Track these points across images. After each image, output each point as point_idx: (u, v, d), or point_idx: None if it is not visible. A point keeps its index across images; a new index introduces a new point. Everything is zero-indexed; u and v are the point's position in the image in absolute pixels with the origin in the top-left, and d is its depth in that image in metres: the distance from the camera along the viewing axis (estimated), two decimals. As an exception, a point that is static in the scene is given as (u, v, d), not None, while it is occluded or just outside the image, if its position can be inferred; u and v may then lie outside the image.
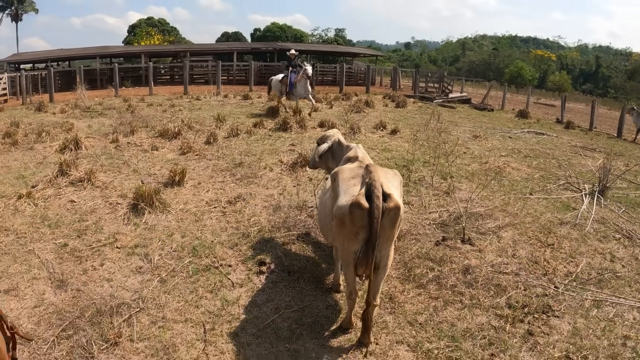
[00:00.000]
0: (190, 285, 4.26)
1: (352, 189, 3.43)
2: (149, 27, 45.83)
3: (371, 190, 3.29)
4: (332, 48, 40.70)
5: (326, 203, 3.80)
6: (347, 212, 3.31)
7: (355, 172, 3.62)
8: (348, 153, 4.36)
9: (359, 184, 3.44)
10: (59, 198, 6.17)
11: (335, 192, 3.58)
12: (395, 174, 3.77)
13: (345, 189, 3.46)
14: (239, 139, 9.93)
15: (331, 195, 3.68)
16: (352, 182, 3.50)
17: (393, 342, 3.70)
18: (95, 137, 9.37)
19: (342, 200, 3.40)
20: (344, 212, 3.33)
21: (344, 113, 14.93)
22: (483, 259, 5.16)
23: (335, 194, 3.57)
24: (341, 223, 3.39)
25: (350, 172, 3.64)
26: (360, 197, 3.28)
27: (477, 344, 3.70)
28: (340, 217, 3.38)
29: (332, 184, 3.70)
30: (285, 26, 49.80)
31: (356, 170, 3.65)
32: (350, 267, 3.47)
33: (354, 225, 3.32)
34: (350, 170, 3.68)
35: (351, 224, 3.33)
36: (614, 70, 50.99)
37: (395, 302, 4.23)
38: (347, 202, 3.33)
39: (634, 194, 7.84)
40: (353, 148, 4.41)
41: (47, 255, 4.68)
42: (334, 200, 3.57)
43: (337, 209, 3.40)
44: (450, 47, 70.70)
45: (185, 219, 5.71)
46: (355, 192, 3.36)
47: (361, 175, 3.49)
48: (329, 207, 3.67)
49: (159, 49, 31.01)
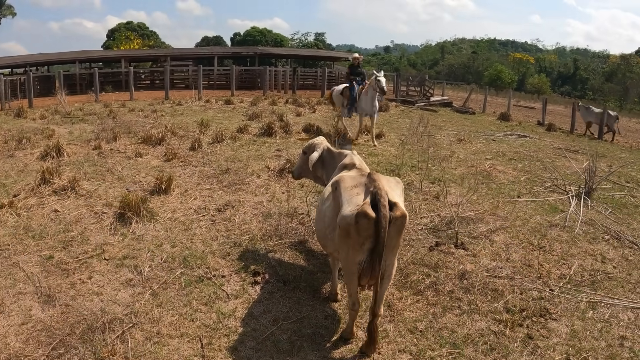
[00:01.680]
0: (184, 297, 4.13)
1: (356, 198, 3.34)
2: (129, 31, 45.18)
3: (377, 199, 3.21)
4: (314, 52, 40.74)
5: (325, 213, 3.69)
6: (353, 222, 3.21)
7: (357, 180, 3.51)
8: (343, 160, 4.26)
9: (363, 192, 3.35)
10: (42, 207, 5.95)
11: (337, 201, 3.47)
12: (398, 182, 3.70)
13: (349, 199, 3.36)
14: (223, 144, 9.78)
15: (332, 205, 3.58)
16: (355, 190, 3.41)
17: (395, 351, 3.65)
18: (77, 144, 9.10)
19: (347, 209, 3.30)
20: (350, 222, 3.24)
21: (328, 117, 14.93)
22: (478, 264, 5.16)
23: (337, 203, 3.46)
24: (346, 233, 3.29)
25: (352, 180, 3.53)
26: (366, 207, 3.19)
27: (479, 350, 3.69)
28: (345, 227, 3.28)
29: (333, 193, 3.59)
30: (265, 30, 49.69)
31: (358, 178, 3.55)
32: (354, 278, 3.39)
33: (359, 236, 3.23)
34: (352, 178, 3.57)
35: (357, 234, 3.24)
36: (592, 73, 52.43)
37: (394, 310, 4.18)
38: (353, 211, 3.23)
39: (619, 195, 7.99)
40: (348, 155, 4.31)
41: (32, 269, 4.48)
42: (335, 210, 3.49)
43: (342, 219, 3.30)
44: (430, 51, 71.69)
45: (173, 228, 5.56)
46: (359, 202, 3.28)
47: (364, 184, 3.41)
48: (329, 217, 3.59)
49: (139, 54, 30.48)
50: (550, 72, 54.04)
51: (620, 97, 46.97)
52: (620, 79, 50.27)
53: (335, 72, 29.09)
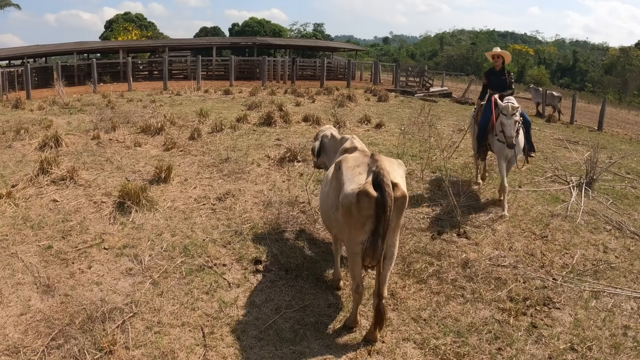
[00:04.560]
0: (185, 286, 4.05)
1: (358, 177, 3.31)
2: (127, 22, 44.64)
3: (380, 178, 3.19)
4: (312, 43, 40.39)
5: (329, 193, 3.67)
6: (355, 200, 3.20)
7: (359, 160, 3.49)
8: (344, 144, 4.24)
9: (365, 172, 3.32)
10: (41, 198, 5.85)
11: (340, 180, 3.45)
12: (400, 164, 3.67)
13: (351, 177, 3.34)
14: (223, 134, 9.67)
15: (334, 184, 3.56)
16: (358, 170, 3.38)
17: (399, 340, 3.61)
18: (76, 134, 8.98)
19: (349, 188, 3.28)
20: (351, 200, 3.23)
21: (328, 107, 14.80)
22: (481, 252, 5.11)
23: (340, 182, 3.44)
24: (348, 212, 3.28)
25: (355, 160, 3.51)
26: (367, 186, 3.18)
27: (483, 339, 3.66)
28: (347, 205, 3.26)
29: (335, 173, 3.56)
30: (263, 21, 49.27)
31: (361, 159, 3.51)
32: (358, 259, 3.37)
33: (360, 215, 3.22)
34: (355, 159, 3.54)
35: (358, 212, 3.22)
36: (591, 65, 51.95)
37: (397, 299, 4.13)
38: (354, 190, 3.22)
39: (620, 186, 7.93)
40: (349, 139, 4.31)
41: (31, 259, 4.40)
42: (337, 189, 3.46)
43: (344, 197, 3.28)
44: (429, 42, 71.08)
45: (173, 217, 5.48)
46: (361, 181, 3.26)
47: (366, 164, 3.38)
48: (332, 196, 3.58)
49: (137, 44, 30.07)
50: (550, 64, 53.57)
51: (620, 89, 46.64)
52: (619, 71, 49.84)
53: (334, 62, 28.88)
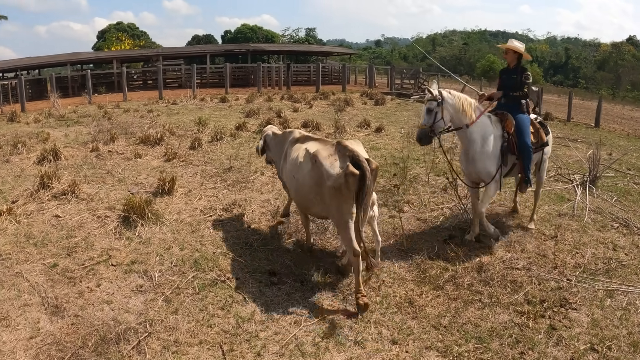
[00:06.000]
0: (199, 302, 3.91)
1: (336, 163, 4.01)
2: (119, 32, 44.33)
3: (356, 159, 3.94)
4: (306, 48, 40.33)
5: (305, 182, 4.26)
6: (343, 180, 3.88)
7: (329, 150, 4.18)
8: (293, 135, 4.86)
9: (339, 158, 4.03)
10: (43, 213, 5.69)
11: (319, 170, 4.07)
12: (358, 142, 4.35)
13: (330, 165, 4.02)
14: (223, 142, 9.55)
15: (313, 174, 4.16)
16: (332, 158, 4.07)
17: (422, 349, 3.52)
18: (74, 147, 8.80)
19: (334, 172, 3.96)
20: (341, 181, 3.89)
21: (325, 112, 14.71)
22: (493, 256, 5.03)
23: (319, 171, 4.07)
24: (338, 191, 3.93)
25: (326, 151, 4.18)
26: (351, 167, 3.89)
27: (505, 343, 3.59)
28: (337, 186, 3.91)
29: (312, 165, 4.16)
30: (256, 27, 49.11)
31: (329, 149, 4.20)
32: (350, 226, 3.98)
33: (349, 190, 3.90)
34: (324, 149, 4.21)
35: (347, 189, 3.89)
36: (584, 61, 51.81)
37: (415, 306, 4.04)
38: (340, 173, 3.91)
39: (622, 183, 7.90)
40: (294, 132, 4.97)
41: (36, 278, 4.23)
42: (315, 177, 4.11)
43: (334, 180, 3.93)
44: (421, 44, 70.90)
45: (181, 230, 5.34)
46: (340, 165, 3.97)
47: (337, 151, 4.09)
48: (310, 184, 4.19)
49: (130, 54, 29.82)
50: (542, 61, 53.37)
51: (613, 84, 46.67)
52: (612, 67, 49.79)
53: (328, 67, 28.84)
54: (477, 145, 5.00)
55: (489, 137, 5.01)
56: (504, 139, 5.05)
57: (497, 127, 5.11)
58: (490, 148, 5.00)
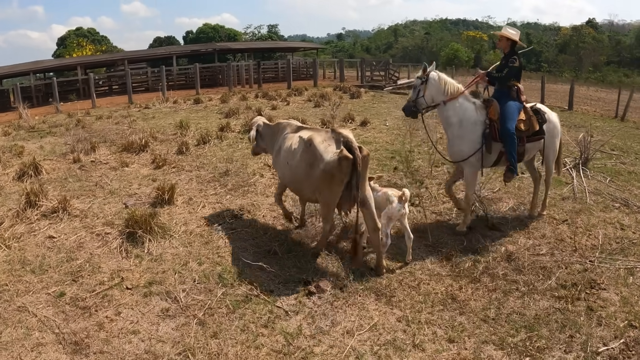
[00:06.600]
0: (238, 322, 3.48)
1: (330, 147, 4.11)
2: (80, 37, 42.02)
3: (349, 145, 4.04)
4: (273, 44, 39.45)
5: (299, 166, 4.34)
6: (337, 164, 3.97)
7: (324, 136, 4.25)
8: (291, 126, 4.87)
9: (334, 144, 4.13)
10: (34, 235, 5.07)
11: (313, 154, 4.16)
12: (349, 131, 4.35)
13: (324, 149, 4.11)
14: (211, 145, 9.04)
15: (305, 158, 4.25)
16: (327, 143, 4.16)
17: (479, 344, 3.34)
18: (53, 159, 8.04)
19: (328, 157, 4.05)
20: (334, 164, 3.99)
21: (305, 108, 14.33)
22: (517, 244, 4.90)
23: (313, 155, 4.16)
24: (331, 175, 4.02)
25: (320, 136, 4.25)
26: (345, 152, 3.97)
27: (553, 329, 3.53)
28: (330, 170, 4.01)
29: (307, 149, 4.24)
30: (218, 26, 47.65)
31: (324, 134, 4.28)
32: (333, 207, 4.25)
33: (342, 173, 3.99)
34: (319, 135, 4.28)
35: (340, 172, 3.98)
36: (545, 45, 52.26)
37: (459, 302, 3.85)
38: (334, 157, 4.00)
39: (610, 163, 7.99)
40: (289, 123, 4.99)
41: (44, 311, 3.67)
42: (309, 161, 4.19)
43: (327, 164, 4.03)
44: (383, 35, 70.62)
45: (192, 242, 4.87)
46: (334, 150, 4.06)
47: (332, 137, 4.19)
48: (304, 167, 4.27)
49: (95, 59, 27.95)
50: None
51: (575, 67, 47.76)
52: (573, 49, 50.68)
53: (296, 62, 28.35)
54: (455, 128, 4.97)
55: (467, 122, 4.94)
56: (485, 125, 4.92)
57: (480, 113, 4.99)
58: (468, 132, 4.92)
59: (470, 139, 4.92)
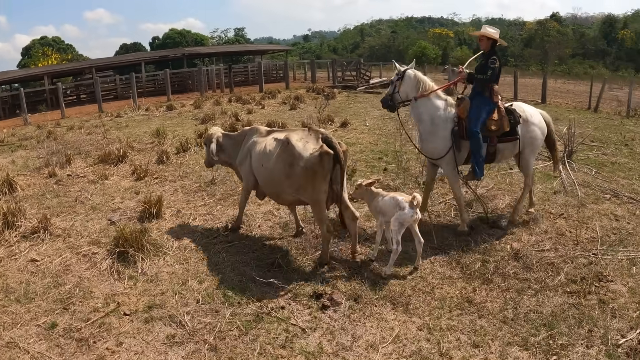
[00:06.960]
0: (252, 344, 3.21)
1: (308, 145, 4.06)
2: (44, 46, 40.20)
3: (329, 140, 4.04)
4: (242, 47, 38.80)
5: (276, 167, 4.24)
6: (318, 160, 3.94)
7: (301, 134, 4.22)
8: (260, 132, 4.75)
9: (312, 141, 4.09)
10: (15, 259, 4.61)
11: (292, 152, 4.09)
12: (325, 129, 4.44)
13: (303, 147, 4.06)
14: (191, 152, 8.67)
15: (284, 157, 4.15)
16: (305, 141, 4.12)
17: (503, 346, 3.24)
18: (27, 174, 7.47)
19: (308, 153, 4.00)
20: (316, 160, 3.95)
21: (281, 111, 14.06)
22: (521, 241, 4.83)
23: (292, 154, 4.08)
24: (313, 172, 3.98)
25: (297, 135, 4.22)
26: (325, 147, 3.96)
27: (571, 324, 3.48)
28: (311, 166, 3.96)
29: (285, 148, 4.16)
30: (184, 31, 46.60)
31: (300, 133, 4.25)
32: (323, 205, 4.13)
33: (324, 169, 3.97)
34: (296, 134, 4.25)
35: (322, 169, 3.96)
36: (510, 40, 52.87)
37: (476, 305, 3.73)
38: (315, 154, 3.97)
39: (593, 155, 8.11)
40: (254, 128, 4.93)
41: (37, 346, 3.28)
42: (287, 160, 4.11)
43: (307, 160, 3.98)
44: (349, 35, 70.64)
45: (188, 258, 4.54)
46: (313, 147, 4.02)
47: (309, 135, 4.16)
48: (281, 168, 4.18)
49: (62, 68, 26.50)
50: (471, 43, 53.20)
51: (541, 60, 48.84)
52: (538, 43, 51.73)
53: (266, 65, 27.96)
54: (426, 125, 4.96)
55: (438, 119, 4.91)
56: (454, 122, 4.87)
57: (450, 110, 4.94)
58: (438, 129, 4.90)
59: (442, 136, 4.89)
